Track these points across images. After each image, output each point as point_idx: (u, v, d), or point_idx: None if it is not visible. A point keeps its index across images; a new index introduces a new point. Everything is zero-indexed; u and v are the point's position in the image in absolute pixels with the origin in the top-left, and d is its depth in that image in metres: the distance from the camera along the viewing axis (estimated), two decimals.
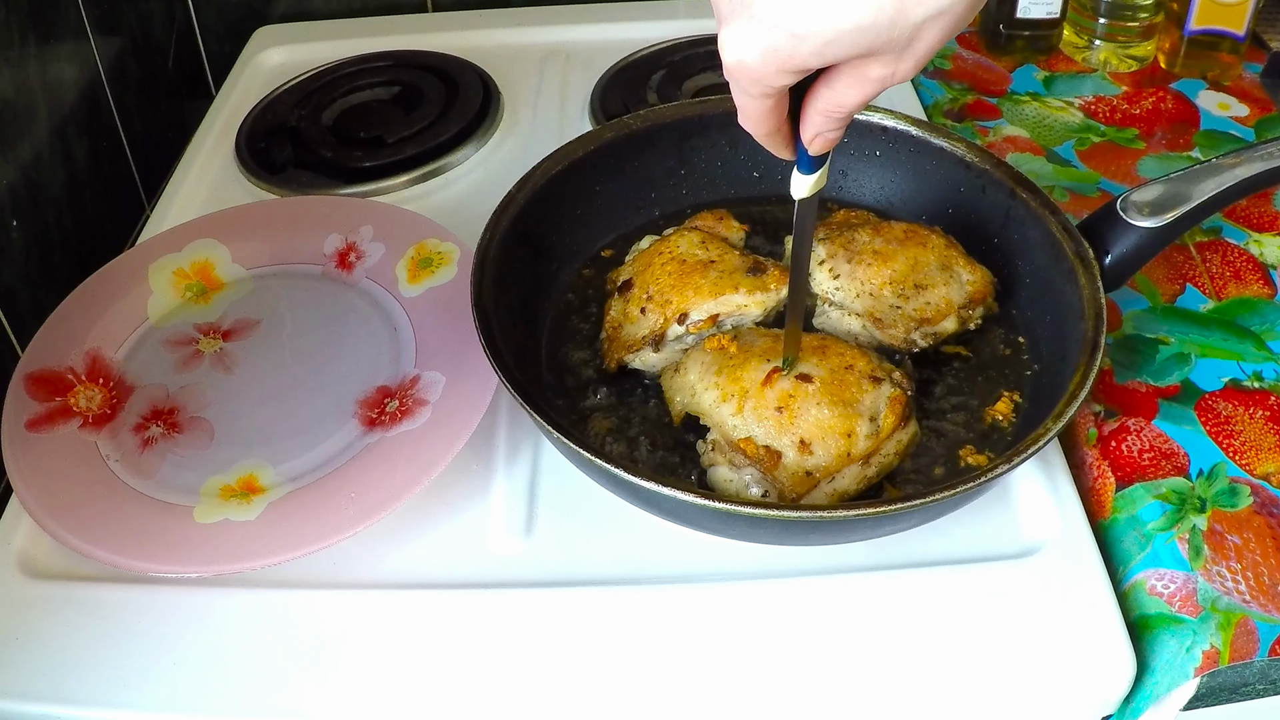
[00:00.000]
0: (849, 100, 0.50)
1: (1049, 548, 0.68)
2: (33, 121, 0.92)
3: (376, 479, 0.70)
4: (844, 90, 0.50)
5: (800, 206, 0.61)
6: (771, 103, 0.51)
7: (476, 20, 1.25)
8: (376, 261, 0.87)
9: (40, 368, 0.78)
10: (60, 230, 0.95)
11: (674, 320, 0.73)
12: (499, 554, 0.70)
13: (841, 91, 0.50)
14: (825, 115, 0.52)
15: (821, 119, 0.52)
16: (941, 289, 0.76)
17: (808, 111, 0.52)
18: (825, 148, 0.55)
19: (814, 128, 0.53)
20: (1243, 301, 0.84)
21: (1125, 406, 0.76)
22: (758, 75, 0.49)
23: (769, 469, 0.65)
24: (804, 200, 0.59)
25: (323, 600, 0.68)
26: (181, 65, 1.25)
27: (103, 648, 0.65)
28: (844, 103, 0.51)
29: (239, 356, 0.82)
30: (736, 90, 0.51)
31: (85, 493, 0.71)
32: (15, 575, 0.69)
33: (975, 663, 0.63)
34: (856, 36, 0.46)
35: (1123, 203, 0.74)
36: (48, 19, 0.94)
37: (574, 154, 0.83)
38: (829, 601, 0.66)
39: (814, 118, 0.52)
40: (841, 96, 0.50)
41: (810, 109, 0.52)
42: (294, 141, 1.05)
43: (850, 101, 0.50)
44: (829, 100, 0.51)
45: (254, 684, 0.64)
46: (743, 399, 0.67)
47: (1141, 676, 0.64)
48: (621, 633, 0.65)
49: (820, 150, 0.55)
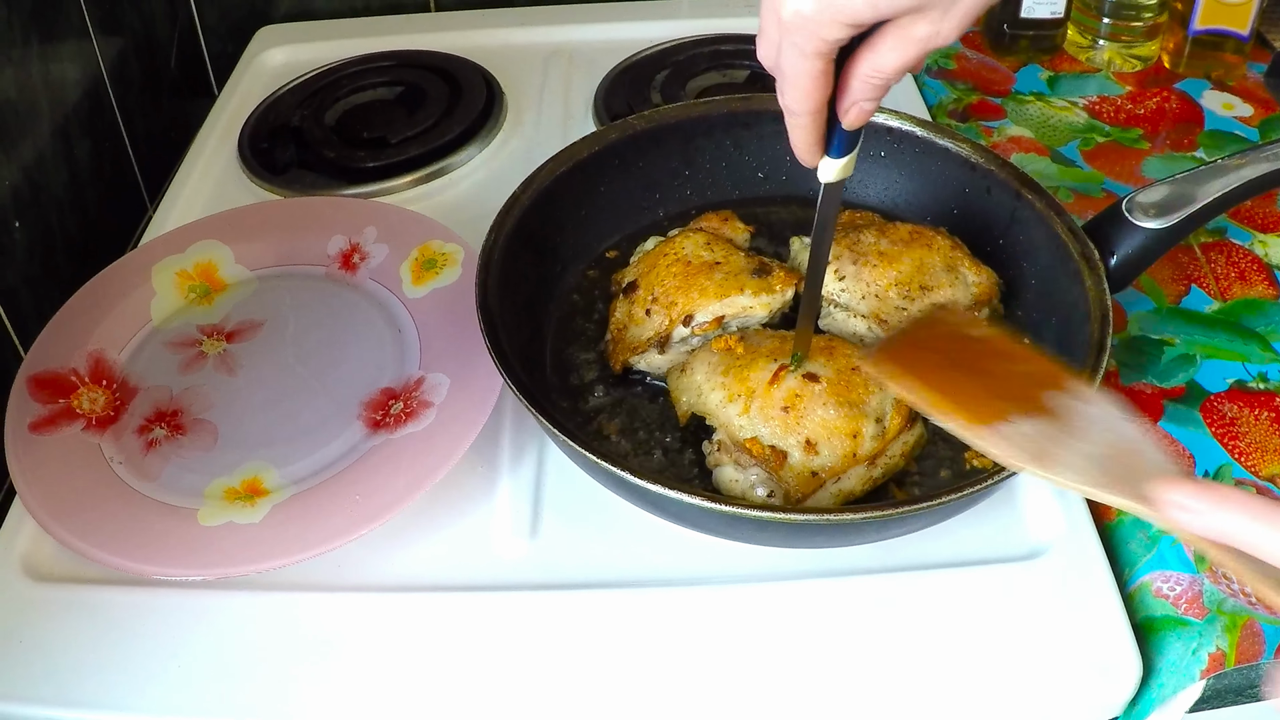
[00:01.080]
0: (890, 63, 0.52)
1: (1055, 550, 0.68)
2: (35, 121, 0.92)
3: (381, 481, 0.70)
4: (886, 53, 0.52)
5: (826, 191, 0.61)
6: (821, 66, 0.53)
7: (479, 20, 1.25)
8: (380, 262, 0.87)
9: (43, 369, 0.78)
10: (63, 231, 0.94)
11: (679, 322, 0.73)
12: (504, 556, 0.70)
13: (884, 54, 0.52)
14: (865, 81, 0.53)
15: (861, 85, 0.54)
16: (947, 290, 0.76)
17: (847, 80, 0.54)
18: (861, 119, 0.56)
19: (852, 96, 0.54)
20: (1248, 303, 0.84)
21: (1130, 408, 0.76)
22: (814, 27, 0.51)
23: (775, 469, 0.65)
24: (830, 185, 0.60)
25: (327, 603, 0.67)
26: (184, 65, 1.25)
27: (106, 651, 0.65)
28: (885, 66, 0.53)
29: (242, 358, 0.82)
30: (791, 52, 0.53)
31: (89, 495, 0.71)
32: (19, 578, 0.69)
33: (981, 664, 0.63)
34: None
35: (1128, 204, 0.74)
36: (50, 18, 0.94)
37: (578, 155, 0.83)
38: (835, 603, 0.66)
39: (854, 84, 0.54)
40: (883, 59, 0.52)
41: (850, 77, 0.54)
42: (297, 142, 1.05)
43: (891, 65, 0.52)
44: (871, 64, 0.53)
45: (258, 687, 0.64)
46: (749, 399, 0.66)
47: (1147, 679, 0.64)
48: (627, 635, 0.65)
49: (855, 122, 0.56)
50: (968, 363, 0.54)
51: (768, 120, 0.87)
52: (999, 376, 0.52)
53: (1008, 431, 0.48)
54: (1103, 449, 0.48)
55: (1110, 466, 0.47)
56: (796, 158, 0.58)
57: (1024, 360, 0.53)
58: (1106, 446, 0.48)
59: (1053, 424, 0.49)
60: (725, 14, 1.23)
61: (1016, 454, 0.48)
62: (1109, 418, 0.50)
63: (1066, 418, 0.49)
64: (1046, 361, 0.54)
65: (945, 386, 0.51)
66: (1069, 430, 0.49)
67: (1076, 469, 0.47)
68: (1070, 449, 0.48)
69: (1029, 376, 0.52)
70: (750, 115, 0.87)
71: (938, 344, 0.56)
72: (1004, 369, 0.53)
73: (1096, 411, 0.50)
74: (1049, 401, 0.50)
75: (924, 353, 0.55)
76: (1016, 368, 0.53)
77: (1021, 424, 0.49)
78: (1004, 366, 0.53)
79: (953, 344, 0.56)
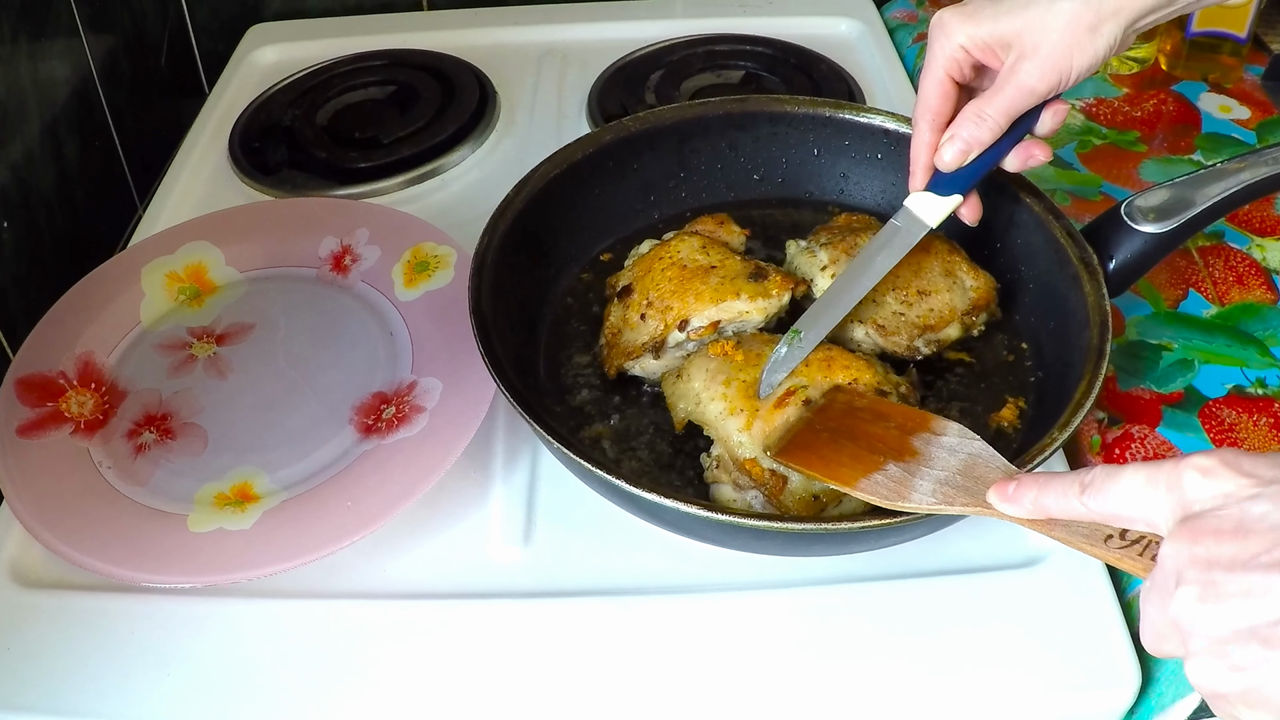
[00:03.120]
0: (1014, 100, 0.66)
1: (1053, 557, 0.68)
2: (24, 120, 0.91)
3: (373, 487, 0.69)
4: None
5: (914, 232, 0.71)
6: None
7: (472, 19, 1.25)
8: (372, 265, 0.86)
9: (31, 372, 0.77)
10: (51, 231, 0.93)
11: (675, 327, 0.72)
12: (497, 563, 0.69)
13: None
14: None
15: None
16: (945, 295, 0.75)
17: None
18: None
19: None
20: (1246, 307, 0.84)
21: (1129, 413, 0.76)
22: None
23: (774, 494, 0.64)
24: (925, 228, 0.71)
25: (319, 610, 0.67)
26: (174, 64, 1.24)
27: (95, 658, 0.65)
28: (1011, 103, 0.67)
29: (233, 361, 0.81)
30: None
31: (77, 500, 0.70)
32: (6, 584, 0.69)
33: (980, 672, 0.63)
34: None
35: (1127, 208, 0.73)
36: (39, 17, 0.93)
37: (572, 157, 0.82)
38: (832, 611, 0.65)
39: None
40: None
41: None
42: (288, 142, 1.04)
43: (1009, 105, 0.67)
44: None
45: (248, 695, 0.63)
46: (752, 415, 0.66)
47: (1146, 687, 0.63)
48: (622, 643, 0.64)
49: (953, 161, 0.68)
50: (852, 430, 0.63)
51: (763, 122, 0.87)
52: (877, 435, 0.62)
53: (878, 479, 0.58)
54: (952, 471, 0.58)
55: (959, 483, 0.57)
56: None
57: (897, 416, 0.63)
58: (956, 468, 0.58)
59: (915, 461, 0.59)
60: (719, 14, 1.22)
61: (880, 497, 0.57)
62: (959, 443, 0.59)
63: (926, 453, 0.59)
64: (914, 412, 0.64)
65: (833, 455, 0.61)
66: (927, 462, 0.59)
67: (928, 494, 0.57)
68: (925, 478, 0.58)
69: (901, 428, 0.62)
70: (746, 117, 0.87)
71: (829, 422, 0.64)
72: (881, 428, 0.62)
73: (950, 440, 0.60)
74: (915, 444, 0.60)
75: (817, 433, 0.64)
76: (892, 423, 0.62)
77: (890, 469, 0.59)
78: (881, 426, 0.62)
79: (842, 418, 0.64)
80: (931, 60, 0.68)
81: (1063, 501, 0.49)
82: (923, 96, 0.69)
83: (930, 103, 0.69)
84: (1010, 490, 0.52)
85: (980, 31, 0.65)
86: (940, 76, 0.68)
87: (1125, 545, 0.48)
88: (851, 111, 0.86)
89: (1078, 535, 0.50)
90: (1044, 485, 0.51)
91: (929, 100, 0.69)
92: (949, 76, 0.68)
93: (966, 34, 0.66)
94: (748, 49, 1.15)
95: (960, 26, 0.66)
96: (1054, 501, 0.50)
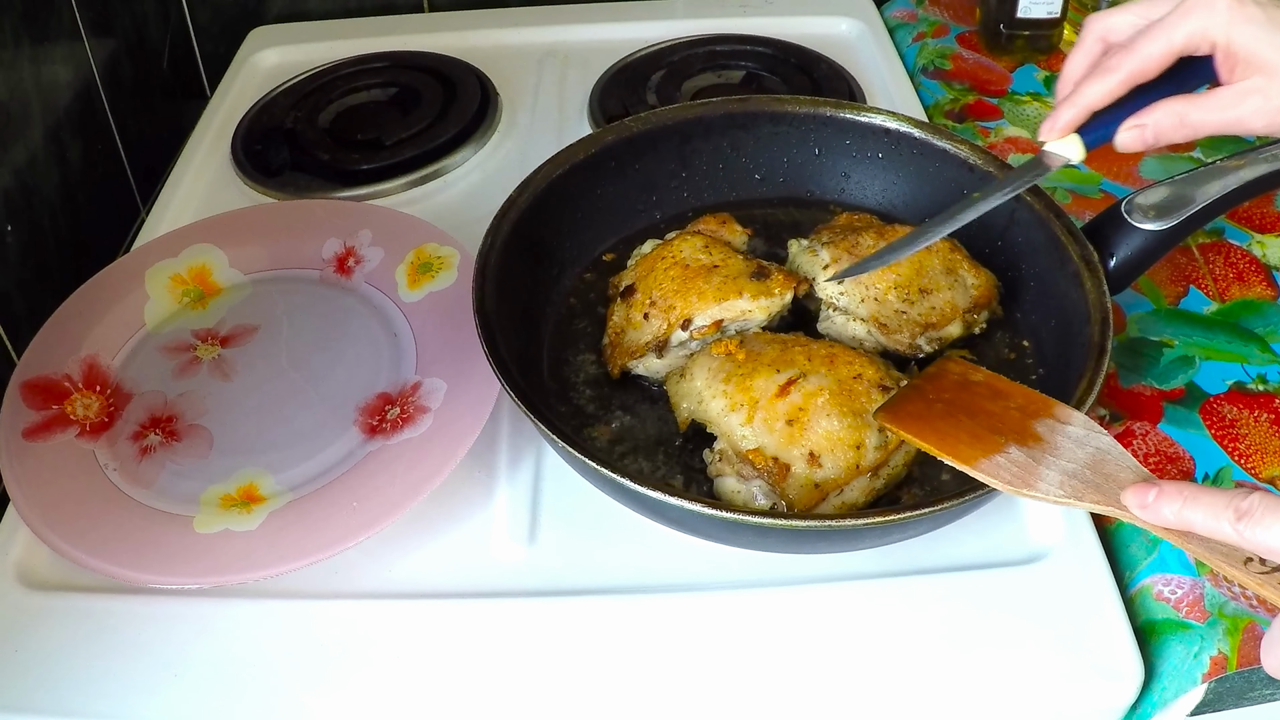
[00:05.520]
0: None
1: (1056, 553, 0.68)
2: (26, 124, 0.91)
3: (378, 487, 0.69)
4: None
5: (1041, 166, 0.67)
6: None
7: (474, 20, 1.25)
8: (376, 266, 0.86)
9: (36, 375, 0.78)
10: (55, 234, 0.94)
11: (678, 326, 0.73)
12: (502, 562, 0.69)
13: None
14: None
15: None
16: (946, 293, 0.75)
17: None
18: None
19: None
20: (1246, 304, 0.84)
21: (1130, 410, 0.76)
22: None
23: (777, 481, 0.64)
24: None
25: (324, 610, 0.67)
26: (176, 66, 1.24)
27: (101, 660, 0.65)
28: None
29: (237, 363, 0.81)
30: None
31: (83, 502, 0.70)
32: (13, 586, 0.69)
33: (982, 668, 0.63)
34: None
35: (1127, 205, 0.73)
36: (41, 20, 0.94)
37: (574, 157, 0.83)
38: (836, 608, 0.66)
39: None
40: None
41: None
42: (290, 144, 1.05)
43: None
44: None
45: (255, 696, 0.63)
46: (753, 409, 0.66)
47: (1149, 682, 0.64)
48: (627, 642, 0.65)
49: (1130, 145, 0.63)
50: (969, 405, 0.61)
51: (765, 122, 0.87)
52: (996, 414, 0.60)
53: (1000, 461, 0.57)
54: (1080, 464, 0.56)
55: (1088, 478, 0.56)
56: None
57: (1017, 396, 0.61)
58: (1084, 461, 0.57)
59: (1040, 448, 0.58)
60: (720, 14, 1.22)
61: (1003, 481, 0.56)
62: (1086, 435, 0.58)
63: (1051, 441, 0.58)
64: (1036, 395, 0.62)
65: (950, 430, 0.60)
66: (1053, 451, 0.57)
67: (1055, 485, 0.56)
68: (1052, 468, 0.57)
69: (1022, 410, 0.60)
70: (747, 117, 0.87)
71: (942, 393, 0.63)
72: (1000, 407, 0.61)
73: (1076, 431, 0.58)
74: (1038, 429, 0.59)
75: (930, 403, 0.62)
76: (1011, 404, 0.61)
77: (1013, 452, 0.57)
78: (1000, 404, 0.61)
79: (956, 392, 0.63)
80: (1169, 28, 0.58)
81: (1213, 523, 0.48)
82: (1138, 52, 0.59)
83: (1138, 65, 0.59)
84: (1150, 498, 0.52)
85: (1247, 39, 0.56)
86: (1160, 51, 0.59)
87: (1267, 572, 0.48)
88: (852, 111, 0.86)
89: (1215, 552, 0.50)
90: (1190, 500, 0.50)
91: (1145, 62, 0.59)
92: (1166, 54, 0.59)
93: (1230, 34, 0.57)
94: (748, 49, 1.15)
95: (1230, 19, 0.56)
96: (1201, 519, 0.49)
